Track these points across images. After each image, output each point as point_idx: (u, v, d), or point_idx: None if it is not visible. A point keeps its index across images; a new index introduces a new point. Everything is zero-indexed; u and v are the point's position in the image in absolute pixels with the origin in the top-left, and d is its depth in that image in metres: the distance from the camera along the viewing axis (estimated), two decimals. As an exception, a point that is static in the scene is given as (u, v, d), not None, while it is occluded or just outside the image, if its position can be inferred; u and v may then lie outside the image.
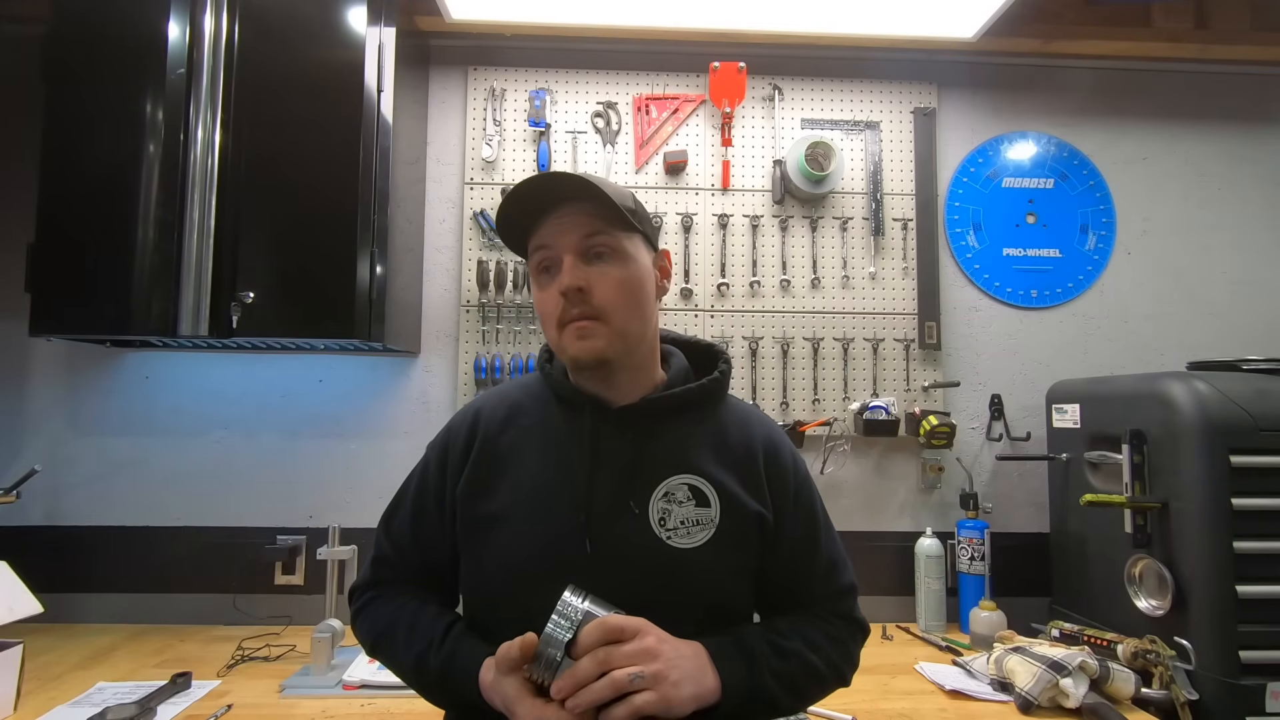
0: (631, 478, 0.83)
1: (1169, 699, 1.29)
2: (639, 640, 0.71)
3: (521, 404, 0.91)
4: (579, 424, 0.85)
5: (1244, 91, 2.01)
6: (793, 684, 0.81)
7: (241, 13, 1.49)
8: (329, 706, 1.27)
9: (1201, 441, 1.34)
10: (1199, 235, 1.99)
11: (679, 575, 0.80)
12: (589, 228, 0.82)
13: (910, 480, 1.88)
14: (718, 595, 0.83)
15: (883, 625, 1.74)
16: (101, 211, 1.45)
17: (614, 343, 0.82)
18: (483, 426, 0.89)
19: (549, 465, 0.85)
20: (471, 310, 1.84)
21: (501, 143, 1.87)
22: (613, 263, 0.83)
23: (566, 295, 0.80)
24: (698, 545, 0.81)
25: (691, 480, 0.84)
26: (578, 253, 0.82)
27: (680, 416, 0.87)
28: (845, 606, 0.91)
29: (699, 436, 0.87)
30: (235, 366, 1.81)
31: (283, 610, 1.69)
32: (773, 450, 0.90)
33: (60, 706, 1.24)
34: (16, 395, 1.78)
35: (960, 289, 1.94)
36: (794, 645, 0.83)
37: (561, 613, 0.71)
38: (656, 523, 0.81)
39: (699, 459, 0.85)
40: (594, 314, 0.81)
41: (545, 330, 0.86)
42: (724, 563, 0.83)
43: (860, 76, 1.94)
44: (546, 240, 0.83)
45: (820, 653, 0.85)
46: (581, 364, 0.83)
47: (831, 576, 0.91)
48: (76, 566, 1.73)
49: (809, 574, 0.90)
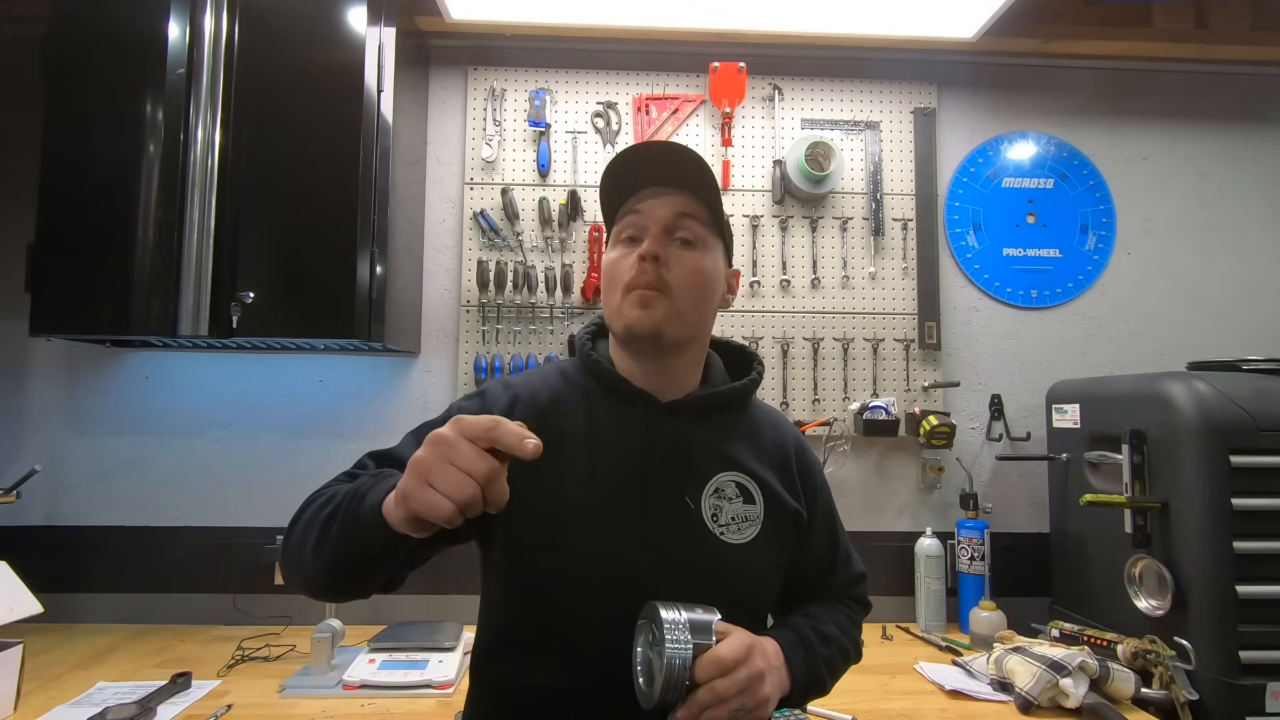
0: (685, 473, 0.84)
1: (1169, 699, 1.29)
2: (749, 666, 0.71)
3: (562, 390, 0.89)
4: (630, 416, 0.85)
5: (1244, 91, 2.01)
6: (833, 666, 0.87)
7: (241, 13, 1.49)
8: (329, 706, 1.27)
9: (1201, 441, 1.34)
10: (1199, 235, 1.99)
11: (731, 570, 0.82)
12: (685, 209, 0.84)
13: (910, 480, 1.88)
14: (761, 590, 0.86)
15: (883, 625, 1.74)
16: (101, 211, 1.45)
17: (671, 320, 0.82)
18: (522, 408, 0.86)
19: (600, 457, 0.83)
20: (471, 310, 1.84)
21: (501, 143, 1.87)
22: (696, 251, 0.85)
23: (644, 259, 0.81)
24: (747, 541, 0.83)
25: (738, 478, 0.86)
26: (666, 230, 0.84)
27: (721, 415, 0.89)
28: (861, 591, 0.99)
29: (739, 435, 0.89)
30: (235, 367, 1.81)
31: (283, 610, 1.68)
32: (801, 449, 0.95)
33: (60, 706, 1.24)
34: (16, 395, 1.78)
35: (960, 289, 1.94)
36: (831, 630, 0.89)
37: (671, 629, 0.69)
38: (709, 518, 0.83)
39: (742, 457, 0.87)
40: (661, 286, 0.82)
41: (610, 295, 0.86)
42: (768, 559, 0.85)
43: (860, 76, 1.94)
44: (641, 208, 0.85)
45: (848, 634, 0.92)
46: (634, 332, 0.82)
47: (848, 565, 0.98)
48: (76, 566, 1.73)
49: (831, 565, 0.96)
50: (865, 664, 0.94)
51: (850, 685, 0.92)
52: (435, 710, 1.27)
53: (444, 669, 1.37)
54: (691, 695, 0.69)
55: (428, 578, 1.70)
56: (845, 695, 0.95)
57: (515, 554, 0.83)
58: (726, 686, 0.69)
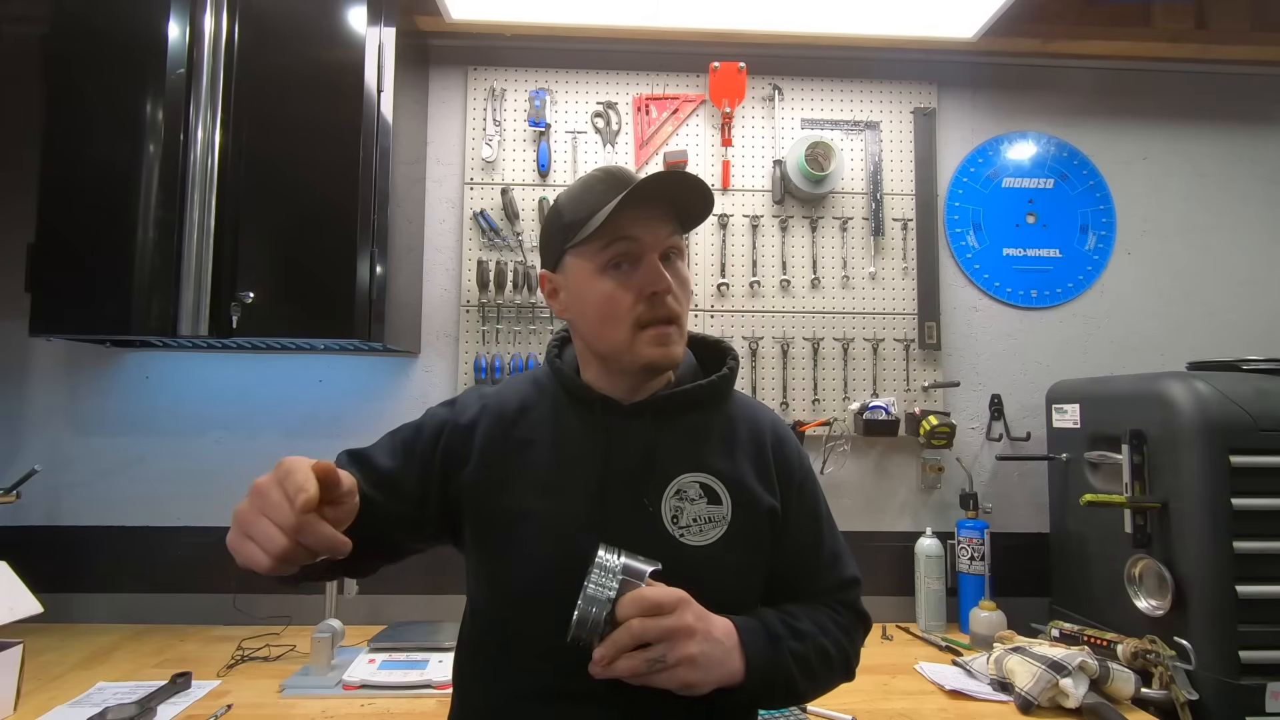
0: (644, 475, 0.83)
1: (1169, 699, 1.29)
2: (677, 616, 0.71)
3: (532, 399, 0.90)
4: (590, 421, 0.85)
5: (1244, 91, 2.01)
6: (808, 666, 0.81)
7: (241, 13, 1.49)
8: (329, 706, 1.27)
9: (1201, 441, 1.34)
10: (1199, 235, 1.99)
11: (691, 573, 0.80)
12: (671, 226, 0.82)
13: (910, 480, 1.88)
14: (729, 593, 0.82)
15: (883, 625, 1.74)
16: (101, 211, 1.45)
17: (682, 347, 0.83)
18: (488, 419, 0.87)
19: (561, 462, 0.84)
20: (471, 310, 1.84)
21: (501, 143, 1.87)
22: (680, 263, 0.84)
23: (657, 296, 0.79)
24: (710, 543, 0.81)
25: (703, 478, 0.83)
26: (660, 252, 0.81)
27: (690, 413, 0.87)
28: (851, 597, 0.91)
29: (709, 433, 0.87)
30: (235, 366, 1.81)
31: (283, 610, 1.68)
32: (779, 441, 0.91)
33: (60, 706, 1.24)
34: (16, 395, 1.78)
35: (960, 289, 1.94)
36: (807, 626, 0.83)
37: (601, 570, 0.71)
38: (669, 520, 0.81)
39: (710, 456, 0.85)
40: (674, 318, 0.81)
41: (610, 330, 0.81)
42: (735, 560, 0.82)
43: (860, 76, 1.94)
44: (632, 233, 0.80)
45: (831, 636, 0.85)
46: (657, 369, 0.83)
47: (835, 567, 0.91)
48: (76, 566, 1.73)
49: (814, 566, 0.90)
50: (865, 664, 0.91)
51: (850, 685, 0.88)
52: (435, 710, 1.26)
53: (444, 669, 1.37)
54: (610, 634, 0.69)
55: (428, 578, 1.73)
56: (845, 695, 0.93)
57: (480, 560, 0.85)
58: (643, 627, 0.69)
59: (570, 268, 0.84)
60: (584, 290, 0.83)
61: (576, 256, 0.83)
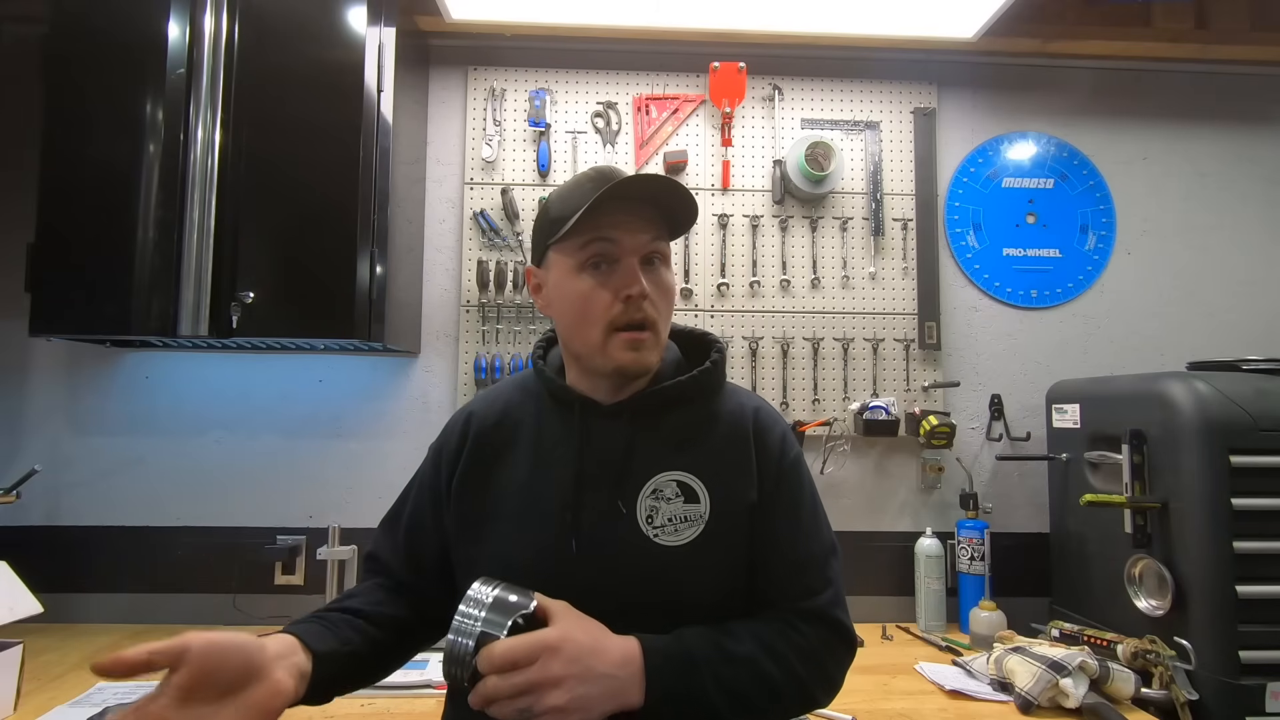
0: (620, 476, 0.81)
1: (1169, 699, 1.29)
2: (539, 667, 0.65)
3: (515, 402, 0.90)
4: (570, 422, 0.84)
5: (1244, 91, 2.01)
6: (738, 695, 0.72)
7: (241, 13, 1.49)
8: (329, 706, 1.26)
9: (1201, 441, 1.34)
10: (1199, 235, 1.99)
11: (664, 574, 0.78)
12: (655, 231, 0.81)
13: (910, 480, 1.88)
14: (706, 594, 0.79)
15: (883, 625, 1.74)
16: (101, 211, 1.45)
17: (656, 352, 0.82)
18: (475, 425, 0.88)
19: (539, 464, 0.84)
20: (471, 310, 1.84)
21: (501, 143, 1.87)
22: (663, 269, 0.83)
23: (631, 300, 0.78)
24: (685, 543, 0.79)
25: (680, 477, 0.81)
26: (640, 255, 0.80)
27: (673, 410, 0.85)
28: (819, 607, 0.80)
29: (692, 430, 0.84)
30: (235, 366, 1.81)
31: (283, 610, 1.68)
32: (761, 428, 0.86)
33: (60, 706, 1.24)
34: (16, 395, 1.78)
35: (960, 289, 1.94)
36: (746, 649, 0.74)
37: (470, 602, 0.68)
38: (644, 521, 0.79)
39: (690, 454, 0.83)
40: (649, 324, 0.80)
41: (584, 330, 0.80)
42: (712, 560, 0.79)
43: (860, 76, 1.94)
44: (610, 234, 0.78)
45: (780, 661, 0.75)
46: (627, 374, 0.81)
47: (808, 572, 0.82)
48: (76, 566, 1.73)
49: (781, 568, 0.82)
50: (866, 664, 0.90)
51: (850, 685, 0.85)
52: (435, 710, 1.26)
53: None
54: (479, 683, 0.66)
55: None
56: (845, 695, 0.91)
57: (459, 561, 0.85)
58: (496, 687, 0.65)
59: (552, 264, 0.84)
60: (563, 287, 0.82)
61: (558, 253, 0.82)
